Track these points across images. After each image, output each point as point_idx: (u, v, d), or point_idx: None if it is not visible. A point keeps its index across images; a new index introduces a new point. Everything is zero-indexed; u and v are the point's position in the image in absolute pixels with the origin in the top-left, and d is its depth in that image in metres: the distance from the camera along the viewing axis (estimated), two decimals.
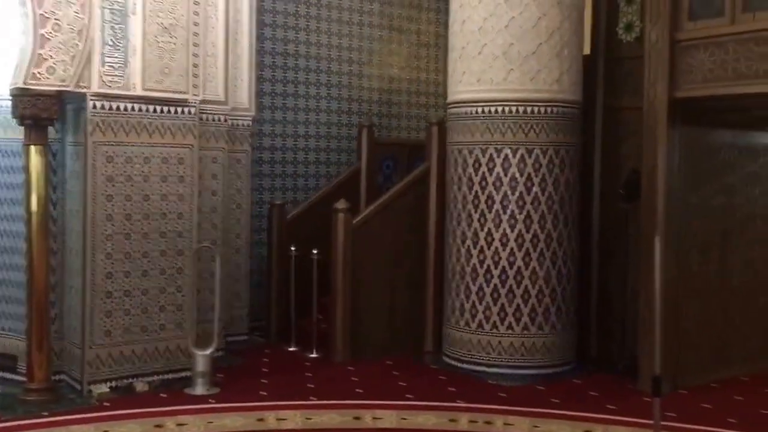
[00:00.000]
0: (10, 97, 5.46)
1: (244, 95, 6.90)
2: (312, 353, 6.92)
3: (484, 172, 6.29)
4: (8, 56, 5.69)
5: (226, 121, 6.66)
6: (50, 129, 5.62)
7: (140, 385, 5.82)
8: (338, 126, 8.10)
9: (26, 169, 5.50)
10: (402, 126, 8.62)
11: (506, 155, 6.22)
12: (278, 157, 7.73)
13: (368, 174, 7.88)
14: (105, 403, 5.50)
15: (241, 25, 6.80)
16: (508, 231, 6.24)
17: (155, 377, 5.94)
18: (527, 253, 6.24)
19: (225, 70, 6.58)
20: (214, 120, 6.53)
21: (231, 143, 6.74)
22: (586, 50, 6.66)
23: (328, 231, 6.70)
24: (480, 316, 6.37)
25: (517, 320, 6.28)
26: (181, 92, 5.95)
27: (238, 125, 6.88)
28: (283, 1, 7.55)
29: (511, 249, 6.24)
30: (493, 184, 6.26)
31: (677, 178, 5.90)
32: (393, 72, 8.51)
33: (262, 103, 7.40)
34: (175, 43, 5.92)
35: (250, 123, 7.02)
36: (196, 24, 6.04)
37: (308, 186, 7.90)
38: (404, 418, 5.44)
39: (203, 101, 6.21)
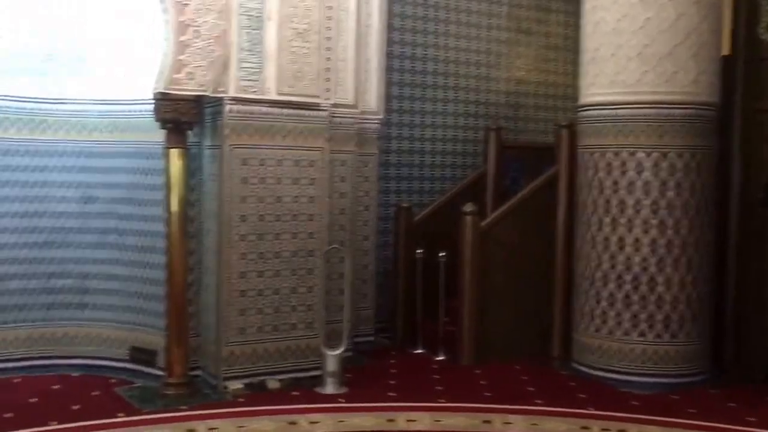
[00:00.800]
0: (153, 102, 5.75)
1: (372, 99, 6.97)
2: (438, 356, 6.94)
3: (616, 176, 6.13)
4: (147, 64, 6.00)
5: (355, 124, 6.76)
6: (188, 132, 5.89)
7: (272, 383, 5.99)
8: (465, 129, 8.08)
9: (167, 171, 5.76)
10: (529, 129, 8.53)
11: (639, 159, 6.04)
12: (405, 159, 7.79)
13: (495, 177, 7.84)
14: (239, 399, 5.68)
15: (372, 29, 6.87)
16: (641, 236, 6.05)
17: (287, 375, 6.09)
18: (661, 260, 6.03)
19: (355, 74, 6.68)
20: (343, 123, 6.63)
21: (359, 146, 6.83)
22: (724, 51, 6.39)
23: (454, 234, 6.71)
24: (611, 322, 6.22)
25: (650, 327, 6.08)
26: (313, 96, 6.09)
27: (366, 128, 6.96)
28: (412, 5, 7.60)
29: (644, 255, 6.05)
30: (626, 188, 6.09)
31: None
32: (520, 74, 8.43)
33: (390, 107, 7.47)
34: (308, 48, 6.06)
35: (378, 126, 7.10)
36: (328, 29, 6.17)
37: (434, 189, 7.93)
38: (534, 424, 5.36)
39: (334, 105, 6.31)
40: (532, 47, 8.47)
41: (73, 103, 6.24)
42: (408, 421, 5.37)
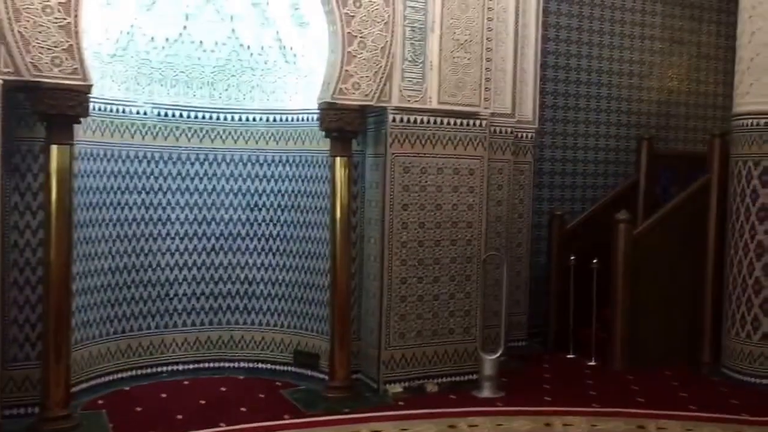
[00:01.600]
0: (318, 111, 5.92)
1: (528, 108, 6.99)
2: (590, 361, 6.93)
3: None
4: (313, 75, 6.21)
5: (512, 133, 6.78)
6: (352, 141, 6.04)
7: (431, 386, 6.05)
8: (617, 138, 7.98)
9: (331, 179, 5.93)
10: (680, 138, 8.34)
11: None
12: (558, 168, 7.75)
13: (646, 185, 7.74)
14: (399, 402, 5.77)
15: (528, 39, 6.90)
16: None
17: (444, 379, 6.16)
18: None
19: (513, 84, 6.72)
20: (501, 132, 6.68)
21: (515, 154, 6.85)
22: None
23: (606, 241, 6.69)
24: (764, 328, 6.16)
25: None
26: (473, 105, 6.15)
27: (522, 137, 6.97)
28: (567, 15, 7.57)
29: None
30: None
31: None
32: (673, 84, 8.25)
33: (544, 116, 7.45)
34: (469, 59, 6.14)
35: (534, 135, 7.09)
36: (489, 39, 6.22)
37: (586, 197, 7.85)
38: (689, 429, 5.26)
39: (492, 114, 6.36)
40: (684, 57, 8.29)
41: (242, 112, 6.52)
42: (564, 425, 5.35)
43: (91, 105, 5.10)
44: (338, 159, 5.88)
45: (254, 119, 6.53)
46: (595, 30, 7.77)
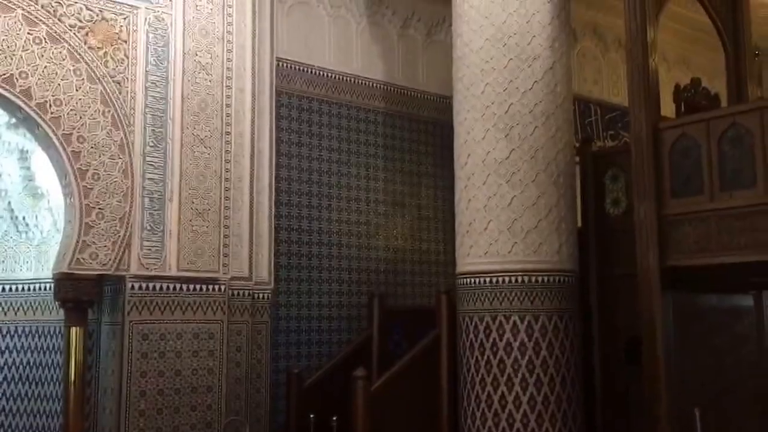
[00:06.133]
0: (52, 280, 5.86)
1: (264, 269, 7.29)
2: None
3: (494, 338, 6.70)
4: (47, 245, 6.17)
5: (249, 295, 7.05)
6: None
7: None
8: (349, 295, 8.51)
9: (65, 349, 5.82)
10: (408, 293, 9.04)
11: (514, 321, 6.66)
12: (293, 326, 8.09)
13: (380, 340, 8.20)
14: None
15: (263, 205, 7.27)
16: (520, 393, 6.59)
17: None
18: (540, 415, 6.55)
19: (249, 248, 7.03)
20: (239, 295, 6.91)
21: (253, 315, 7.09)
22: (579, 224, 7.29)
23: (346, 397, 6.97)
24: None
25: None
26: (212, 271, 6.41)
27: (259, 297, 7.25)
28: (297, 181, 8.14)
29: (524, 411, 6.56)
30: (504, 348, 6.64)
31: (672, 341, 6.35)
32: (398, 243, 9.05)
33: (279, 276, 7.83)
34: (207, 226, 6.43)
35: (270, 295, 7.40)
36: (226, 207, 6.58)
37: (322, 353, 8.21)
38: None
39: (231, 278, 6.63)
40: (407, 218, 9.17)
41: None
42: None
43: None
44: (73, 329, 5.81)
45: None
46: (324, 194, 8.42)
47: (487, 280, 6.78)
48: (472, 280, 6.90)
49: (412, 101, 9.33)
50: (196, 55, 6.52)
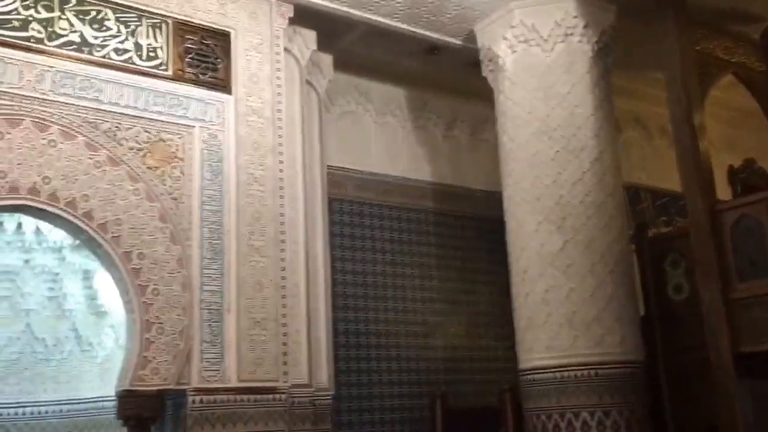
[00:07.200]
0: (114, 398, 5.87)
1: (323, 375, 7.23)
2: None
3: None
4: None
5: (310, 402, 6.97)
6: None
7: None
8: (410, 396, 8.40)
9: None
10: (467, 392, 8.87)
11: (584, 419, 6.45)
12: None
13: None
14: None
15: (319, 312, 7.28)
16: None
17: None
18: None
19: (308, 354, 6.98)
20: (300, 403, 6.83)
21: (314, 423, 6.98)
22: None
23: None
24: None
25: None
26: (272, 380, 6.35)
27: (320, 404, 7.15)
28: (353, 285, 8.19)
29: None
30: None
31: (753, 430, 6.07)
32: (456, 341, 8.96)
33: (338, 380, 7.77)
34: (266, 336, 6.43)
35: (331, 401, 7.31)
36: (284, 315, 6.59)
37: None
38: None
39: (291, 386, 6.57)
40: (463, 315, 9.10)
41: (33, 405, 6.33)
42: None
43: None
44: None
45: (46, 411, 6.35)
46: (379, 296, 8.44)
47: (551, 375, 6.63)
48: (536, 376, 6.76)
49: (461, 199, 9.42)
50: (249, 167, 6.68)
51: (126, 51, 6.29)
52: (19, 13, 5.85)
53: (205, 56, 6.69)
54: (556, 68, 6.93)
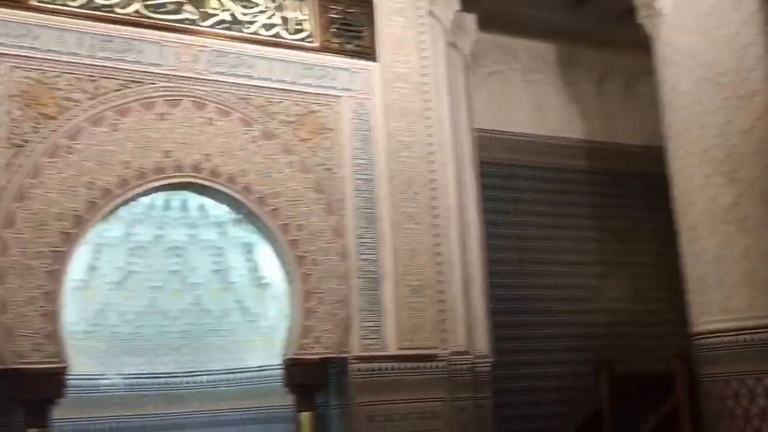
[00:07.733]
0: (280, 367, 6.01)
1: (482, 342, 7.11)
2: None
3: (745, 405, 6.06)
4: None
5: (470, 370, 6.87)
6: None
7: None
8: (571, 363, 8.15)
9: None
10: (631, 358, 8.51)
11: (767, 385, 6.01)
12: (514, 399, 7.81)
13: (611, 411, 7.71)
14: None
15: (474, 278, 7.14)
16: None
17: None
18: None
19: (466, 321, 6.89)
20: (459, 370, 6.76)
21: (475, 391, 6.88)
22: None
23: None
24: None
25: None
26: (431, 348, 6.32)
27: (479, 372, 7.05)
28: (508, 250, 8.02)
29: None
30: (759, 416, 5.96)
31: None
32: (618, 305, 8.62)
33: (495, 347, 7.63)
34: (423, 303, 6.39)
35: (491, 369, 7.19)
36: (440, 281, 6.52)
37: (550, 427, 7.87)
38: None
39: (450, 353, 6.50)
40: (624, 278, 8.74)
41: (205, 374, 6.58)
42: None
43: None
44: (303, 414, 5.92)
45: (217, 380, 6.59)
46: (534, 260, 8.22)
47: (727, 339, 6.18)
48: (710, 340, 6.31)
49: (615, 156, 9.01)
50: (398, 134, 6.62)
51: (273, 26, 6.36)
52: None
53: (349, 25, 6.67)
54: (722, 7, 6.39)
